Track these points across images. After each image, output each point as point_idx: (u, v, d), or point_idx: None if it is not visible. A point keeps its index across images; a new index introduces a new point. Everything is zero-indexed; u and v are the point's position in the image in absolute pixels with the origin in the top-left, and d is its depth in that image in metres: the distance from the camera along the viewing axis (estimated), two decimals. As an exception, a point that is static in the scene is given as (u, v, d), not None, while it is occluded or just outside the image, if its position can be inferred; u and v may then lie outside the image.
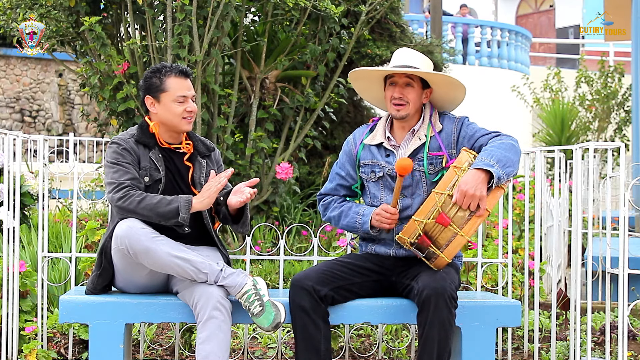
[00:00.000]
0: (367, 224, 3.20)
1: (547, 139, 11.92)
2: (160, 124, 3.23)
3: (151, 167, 3.17)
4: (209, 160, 3.32)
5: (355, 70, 3.34)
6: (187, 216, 3.04)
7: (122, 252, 3.04)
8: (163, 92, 3.18)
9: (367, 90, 3.43)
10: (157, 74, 3.20)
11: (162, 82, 3.18)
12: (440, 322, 2.94)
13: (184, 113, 3.19)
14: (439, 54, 7.73)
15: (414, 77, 3.23)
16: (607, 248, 3.56)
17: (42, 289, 3.77)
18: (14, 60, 13.82)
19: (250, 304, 3.00)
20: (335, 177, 3.40)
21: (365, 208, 3.25)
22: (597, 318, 4.57)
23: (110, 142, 3.20)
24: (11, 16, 5.57)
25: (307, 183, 7.20)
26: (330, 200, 3.38)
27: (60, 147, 10.04)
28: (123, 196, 3.05)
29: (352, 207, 3.30)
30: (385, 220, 3.15)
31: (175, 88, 3.19)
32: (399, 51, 3.30)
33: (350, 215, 3.27)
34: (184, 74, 3.22)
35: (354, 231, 3.29)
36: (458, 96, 3.32)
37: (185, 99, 3.19)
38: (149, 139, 3.20)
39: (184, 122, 3.20)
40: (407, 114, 3.23)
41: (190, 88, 3.24)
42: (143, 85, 3.23)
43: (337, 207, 3.34)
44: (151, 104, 3.22)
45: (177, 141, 3.27)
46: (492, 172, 2.96)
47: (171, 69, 3.20)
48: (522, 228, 6.17)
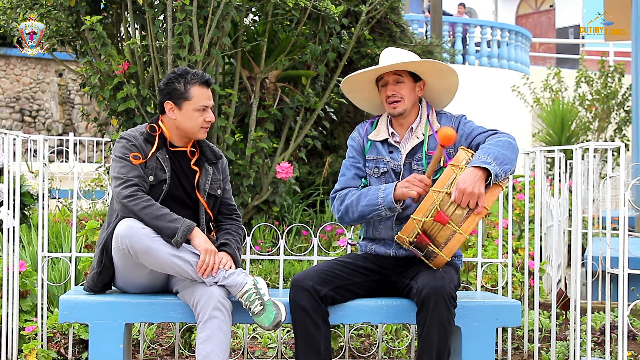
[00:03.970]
0: (391, 195, 3.09)
1: (547, 139, 11.92)
2: (174, 128, 3.21)
3: (157, 167, 3.16)
4: (216, 168, 3.31)
5: (345, 80, 3.32)
6: (182, 241, 3.02)
7: (123, 252, 3.04)
8: (186, 100, 3.16)
9: (365, 100, 3.42)
10: (180, 80, 3.16)
11: (187, 89, 3.15)
12: (439, 321, 2.94)
13: (203, 123, 3.18)
14: (439, 54, 7.73)
15: (402, 72, 3.23)
16: (607, 248, 3.56)
17: (42, 288, 3.77)
18: (14, 60, 13.82)
19: (251, 304, 3.00)
20: (350, 167, 3.32)
21: (386, 185, 3.16)
22: (597, 318, 4.57)
23: (119, 137, 3.19)
24: (11, 16, 5.57)
25: (307, 183, 7.20)
26: (347, 192, 3.27)
27: (60, 147, 10.03)
28: (130, 195, 3.04)
29: (370, 188, 3.21)
30: (417, 187, 3.06)
31: (198, 97, 3.16)
32: (384, 52, 3.31)
33: (371, 193, 3.17)
34: (207, 83, 3.19)
35: (375, 211, 3.15)
36: (452, 81, 3.30)
37: (206, 108, 3.19)
38: (158, 140, 3.19)
39: (201, 131, 3.20)
40: (404, 110, 3.23)
41: (211, 98, 3.22)
42: (165, 90, 3.18)
43: (355, 192, 3.24)
44: (170, 110, 3.18)
45: (185, 145, 3.26)
46: (490, 170, 2.96)
47: (195, 77, 3.17)
48: (522, 228, 6.17)
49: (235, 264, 3.12)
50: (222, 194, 3.33)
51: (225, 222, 3.33)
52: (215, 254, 3.06)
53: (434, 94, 3.36)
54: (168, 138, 3.22)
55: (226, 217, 3.35)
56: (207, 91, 3.20)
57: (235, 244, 3.21)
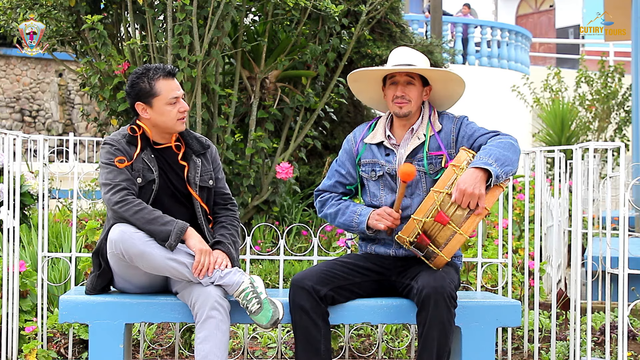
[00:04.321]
0: (364, 224, 3.19)
1: (547, 139, 11.93)
2: (152, 127, 3.18)
3: (144, 167, 3.13)
4: (204, 158, 3.27)
5: (356, 72, 3.33)
6: (176, 244, 3.01)
7: (118, 257, 3.03)
8: (155, 97, 3.13)
9: (363, 91, 3.42)
10: (144, 79, 3.13)
11: (152, 86, 3.13)
12: (439, 321, 2.94)
13: (177, 114, 3.16)
14: (439, 54, 7.73)
15: (414, 75, 3.24)
16: (607, 248, 3.56)
17: (42, 288, 3.77)
18: (14, 60, 13.82)
19: (248, 302, 2.99)
20: (334, 174, 3.38)
21: (363, 208, 3.24)
22: (597, 318, 4.57)
23: (102, 143, 3.17)
24: (11, 16, 5.57)
25: (307, 183, 7.20)
26: (327, 197, 3.37)
27: (60, 147, 10.03)
28: (120, 201, 3.03)
29: (349, 205, 3.29)
30: (386, 220, 3.14)
31: (166, 90, 3.14)
32: (397, 50, 3.31)
33: (348, 214, 3.26)
34: (171, 74, 3.17)
35: (350, 230, 3.27)
36: (457, 91, 3.32)
37: (177, 99, 3.16)
38: (140, 141, 3.16)
39: (178, 123, 3.17)
40: (409, 112, 3.23)
41: (179, 87, 3.19)
42: (131, 92, 3.15)
43: (335, 204, 3.32)
44: (143, 110, 3.16)
45: (169, 141, 3.23)
46: (491, 171, 2.96)
47: (157, 71, 3.14)
48: (522, 228, 6.17)
49: (231, 261, 3.11)
50: (215, 183, 3.28)
51: (221, 213, 3.29)
52: (210, 254, 3.05)
53: (435, 98, 3.36)
54: (150, 137, 3.19)
55: (221, 207, 3.31)
56: (173, 81, 3.17)
57: (230, 238, 3.18)
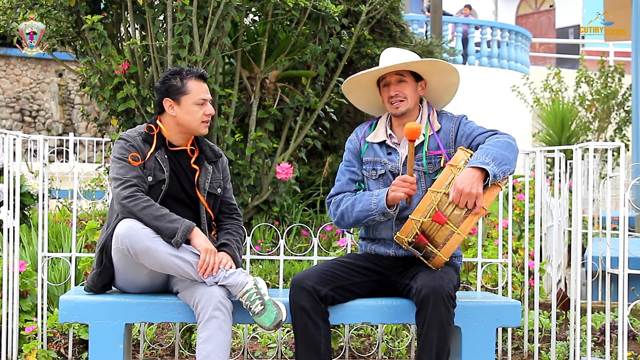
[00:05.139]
0: (383, 201, 3.12)
1: (547, 139, 11.93)
2: (175, 126, 3.22)
3: (156, 167, 3.16)
4: (215, 166, 3.32)
5: (346, 82, 3.32)
6: (182, 241, 3.03)
7: (123, 252, 3.04)
8: (184, 95, 3.18)
9: (361, 98, 3.42)
10: (176, 77, 3.20)
11: (183, 84, 3.19)
12: (438, 321, 2.94)
13: (203, 117, 3.20)
14: (439, 54, 7.73)
15: (404, 72, 3.24)
16: (607, 248, 3.56)
17: (42, 288, 3.77)
18: (14, 60, 13.82)
19: (252, 303, 3.00)
20: (345, 172, 3.35)
21: (379, 190, 3.19)
22: (597, 318, 4.57)
23: (118, 138, 3.20)
24: (11, 16, 5.57)
25: (307, 183, 7.20)
26: (342, 197, 3.30)
27: (60, 147, 10.04)
28: (130, 196, 3.05)
29: (364, 194, 3.23)
30: (403, 187, 3.07)
31: (196, 90, 3.20)
32: (385, 52, 3.32)
33: (364, 199, 3.19)
34: (203, 77, 3.24)
35: (370, 215, 3.17)
36: (452, 82, 3.31)
37: (204, 102, 3.21)
38: (156, 139, 3.20)
39: (202, 126, 3.22)
40: (406, 109, 3.24)
41: (208, 91, 3.26)
42: (162, 88, 3.21)
43: (350, 198, 3.26)
44: (170, 107, 3.20)
45: (185, 144, 3.27)
46: (488, 170, 2.96)
47: (191, 72, 3.21)
48: (522, 228, 6.17)
49: (236, 264, 3.12)
50: (223, 193, 3.33)
51: (226, 221, 3.34)
52: (216, 253, 3.07)
53: (434, 93, 3.36)
54: (167, 137, 3.23)
55: (227, 216, 3.35)
56: (204, 85, 3.24)
57: (236, 243, 3.22)
